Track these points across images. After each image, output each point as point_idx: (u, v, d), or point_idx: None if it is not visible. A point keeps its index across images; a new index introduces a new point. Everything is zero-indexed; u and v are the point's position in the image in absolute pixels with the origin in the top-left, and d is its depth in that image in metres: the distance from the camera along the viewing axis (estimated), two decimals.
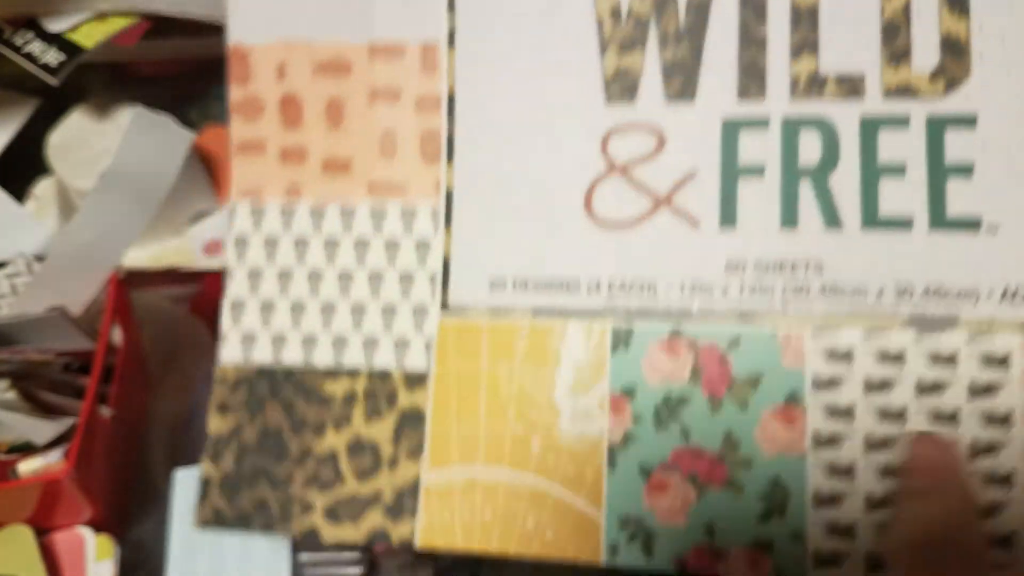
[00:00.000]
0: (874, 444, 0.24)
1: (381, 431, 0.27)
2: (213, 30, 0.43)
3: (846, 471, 0.24)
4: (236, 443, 0.28)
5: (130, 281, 0.37)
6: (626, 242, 0.26)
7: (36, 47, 0.39)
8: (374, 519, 0.26)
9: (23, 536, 0.31)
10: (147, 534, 0.34)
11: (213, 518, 0.27)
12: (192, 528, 0.29)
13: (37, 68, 0.38)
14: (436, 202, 0.28)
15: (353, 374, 0.28)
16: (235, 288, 0.29)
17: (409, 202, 0.28)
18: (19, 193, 0.44)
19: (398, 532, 0.26)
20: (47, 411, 0.33)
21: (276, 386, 0.28)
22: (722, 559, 0.24)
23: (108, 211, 0.36)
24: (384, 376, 0.27)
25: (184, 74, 0.48)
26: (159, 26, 0.41)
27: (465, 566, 0.38)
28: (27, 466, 0.31)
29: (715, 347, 0.25)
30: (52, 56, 0.39)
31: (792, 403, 0.24)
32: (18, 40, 0.40)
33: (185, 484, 0.30)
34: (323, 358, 0.28)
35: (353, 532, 0.27)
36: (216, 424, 0.28)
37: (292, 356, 0.28)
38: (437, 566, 0.35)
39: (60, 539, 0.32)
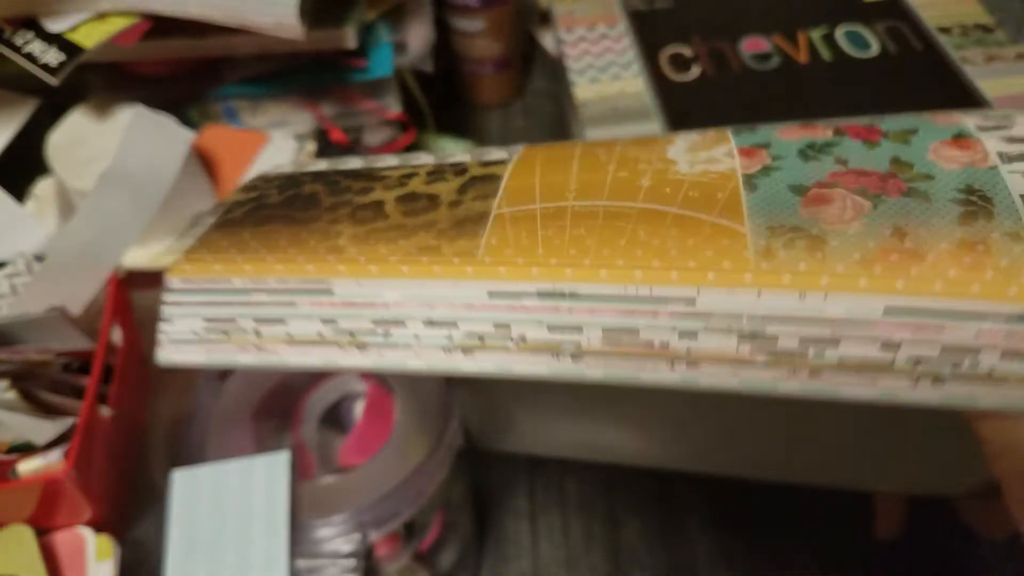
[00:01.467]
0: None
1: (444, 187, 0.23)
2: (213, 30, 0.43)
3: None
4: (254, 203, 0.24)
5: (130, 281, 0.37)
6: None
7: (36, 47, 0.39)
8: (422, 239, 0.22)
9: (23, 536, 0.30)
10: (147, 534, 0.34)
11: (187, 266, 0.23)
12: (190, 530, 0.28)
13: (37, 68, 0.38)
14: None
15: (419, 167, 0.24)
16: None
17: None
18: (19, 193, 0.44)
19: (452, 248, 0.21)
20: (47, 411, 0.33)
21: (322, 176, 0.25)
22: (920, 259, 0.19)
23: (108, 211, 0.36)
24: (457, 164, 0.24)
25: (184, 74, 0.48)
26: (159, 26, 0.41)
27: (465, 569, 0.38)
28: (27, 466, 0.31)
29: (857, 122, 0.23)
30: (52, 56, 0.39)
31: (962, 137, 0.21)
32: (18, 40, 0.40)
33: (182, 485, 0.30)
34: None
35: (391, 250, 0.22)
36: (233, 196, 0.25)
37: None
38: (435, 570, 0.35)
39: (60, 539, 0.31)
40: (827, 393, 0.19)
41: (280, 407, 0.34)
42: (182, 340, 0.23)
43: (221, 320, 0.23)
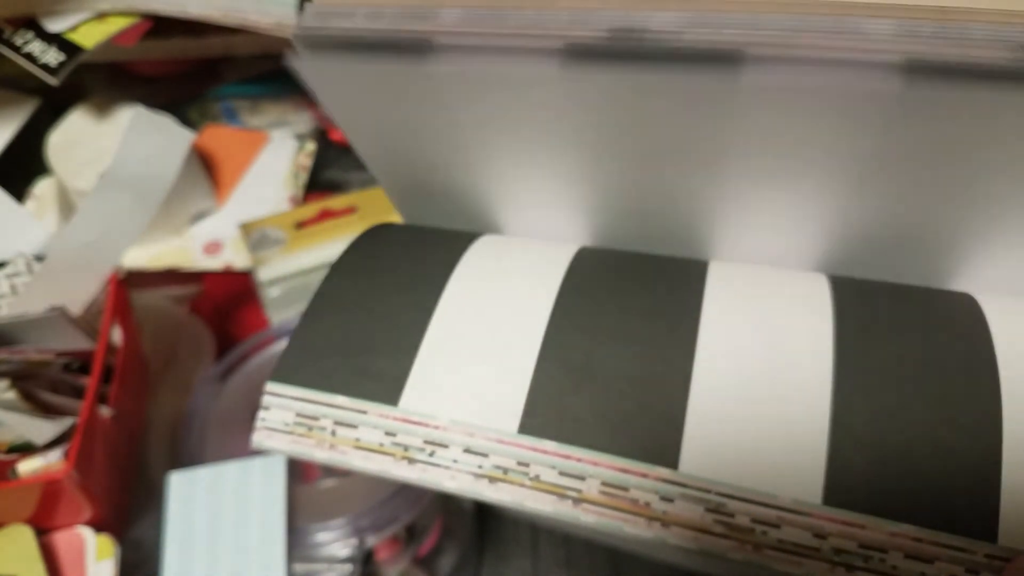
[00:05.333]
0: None
1: None
2: (213, 30, 0.43)
3: None
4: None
5: (130, 281, 0.37)
6: None
7: (36, 47, 0.39)
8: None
9: (23, 536, 0.31)
10: (147, 534, 0.34)
11: None
12: (186, 534, 0.28)
13: (37, 68, 0.38)
14: None
15: None
16: None
17: None
18: (19, 193, 0.44)
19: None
20: (47, 411, 0.33)
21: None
22: None
23: (108, 211, 0.36)
24: None
25: (184, 74, 0.48)
26: (159, 26, 0.41)
27: (465, 573, 0.38)
28: (27, 466, 0.31)
29: None
30: (52, 56, 0.39)
31: None
32: (18, 40, 0.40)
33: (179, 487, 0.30)
34: None
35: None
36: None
37: None
38: (435, 574, 0.35)
39: (60, 539, 0.32)
40: (764, 564, 0.22)
41: None
42: (274, 429, 0.26)
43: (307, 416, 0.26)
